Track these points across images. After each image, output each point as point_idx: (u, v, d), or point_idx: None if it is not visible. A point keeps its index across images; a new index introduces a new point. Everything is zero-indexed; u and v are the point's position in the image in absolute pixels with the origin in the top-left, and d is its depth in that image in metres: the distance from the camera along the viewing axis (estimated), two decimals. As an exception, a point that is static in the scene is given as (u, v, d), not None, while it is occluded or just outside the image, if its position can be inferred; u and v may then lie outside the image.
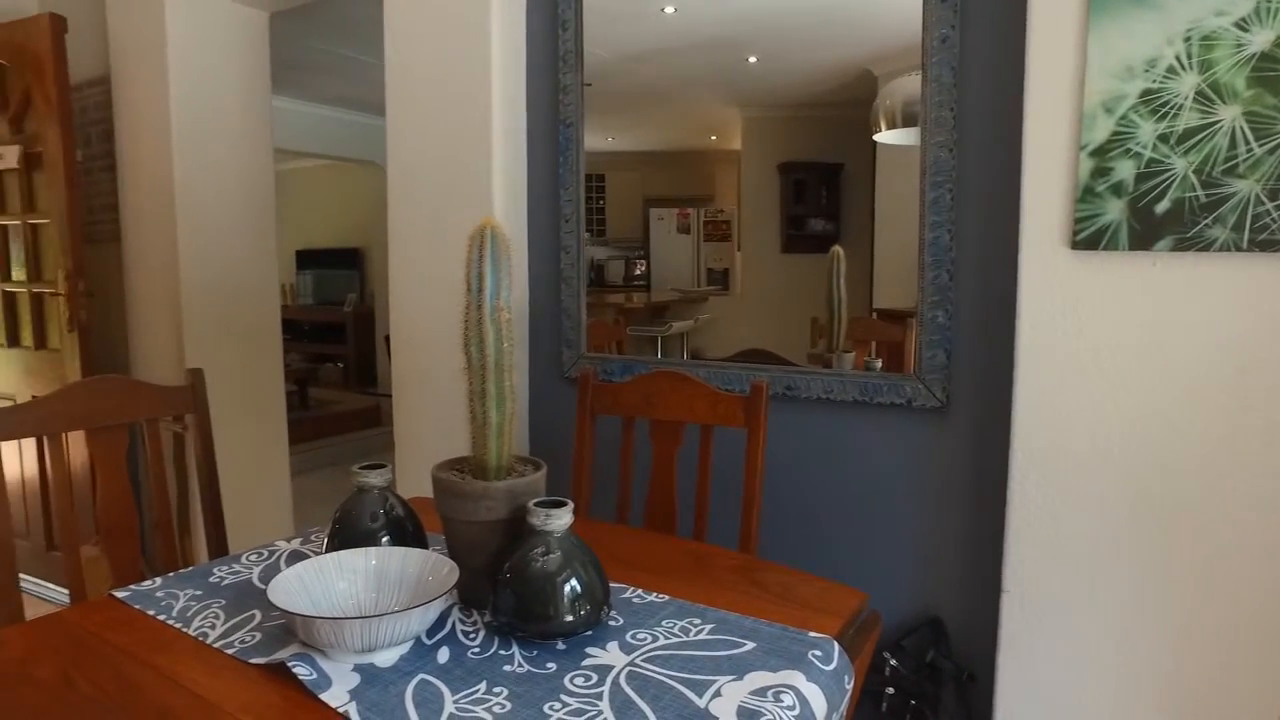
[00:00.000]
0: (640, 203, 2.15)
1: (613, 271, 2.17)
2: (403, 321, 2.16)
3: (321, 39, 4.10)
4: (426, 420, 2.15)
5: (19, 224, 3.01)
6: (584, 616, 0.97)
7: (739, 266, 2.03)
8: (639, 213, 2.15)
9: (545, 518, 0.96)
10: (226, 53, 2.89)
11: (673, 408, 1.59)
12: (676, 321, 2.11)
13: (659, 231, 2.14)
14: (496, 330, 1.02)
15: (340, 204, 7.39)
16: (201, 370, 1.68)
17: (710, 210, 2.07)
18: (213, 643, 0.98)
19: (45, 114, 2.75)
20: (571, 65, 1.96)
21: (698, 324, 2.09)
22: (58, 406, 1.50)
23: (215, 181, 2.88)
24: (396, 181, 2.14)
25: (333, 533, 1.13)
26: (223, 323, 2.93)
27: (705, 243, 2.08)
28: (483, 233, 1.01)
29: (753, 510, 1.50)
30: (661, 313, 2.14)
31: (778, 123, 1.92)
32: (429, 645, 0.96)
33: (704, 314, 2.09)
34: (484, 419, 1.03)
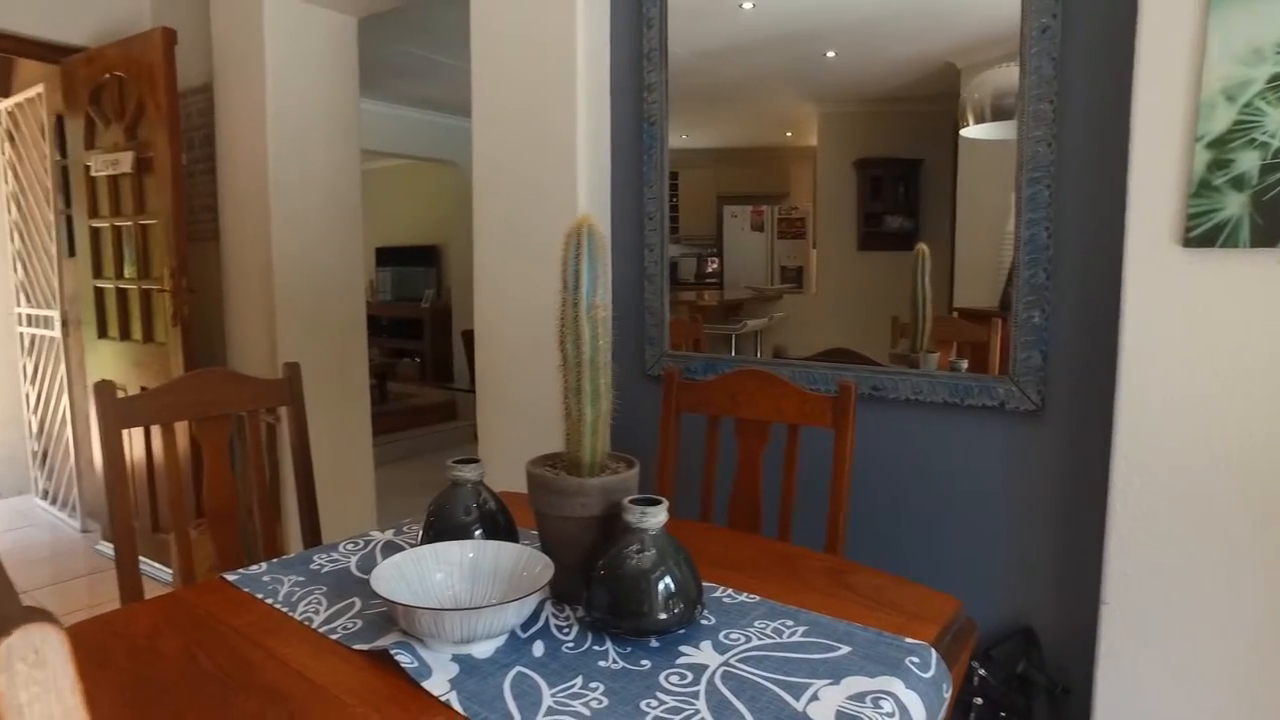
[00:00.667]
0: (714, 200, 2.14)
1: (684, 269, 2.17)
2: (486, 318, 2.20)
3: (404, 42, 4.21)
4: (509, 415, 2.19)
5: (131, 225, 3.18)
6: (677, 615, 0.97)
7: (814, 264, 2.00)
8: (712, 210, 2.14)
9: (641, 515, 0.97)
10: (318, 58, 2.99)
11: (759, 407, 1.58)
12: (751, 320, 2.10)
13: (732, 229, 2.12)
14: (592, 327, 1.03)
15: (418, 202, 7.58)
16: (298, 364, 1.74)
17: (785, 207, 2.04)
18: (317, 627, 1.01)
19: (156, 121, 2.90)
20: (656, 63, 1.96)
21: (772, 322, 2.07)
22: (169, 397, 1.58)
23: (306, 182, 2.98)
24: (481, 180, 2.18)
25: (428, 525, 1.16)
26: (312, 318, 3.04)
27: (779, 240, 2.06)
28: (579, 231, 1.02)
29: (840, 512, 1.48)
30: (735, 311, 2.12)
31: (855, 118, 1.89)
32: (524, 639, 0.98)
33: (778, 312, 2.07)
34: (579, 415, 1.04)
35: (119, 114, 3.13)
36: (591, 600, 0.99)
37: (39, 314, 4.14)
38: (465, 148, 6.26)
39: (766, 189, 2.09)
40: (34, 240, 4.11)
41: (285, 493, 2.95)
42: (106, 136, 3.22)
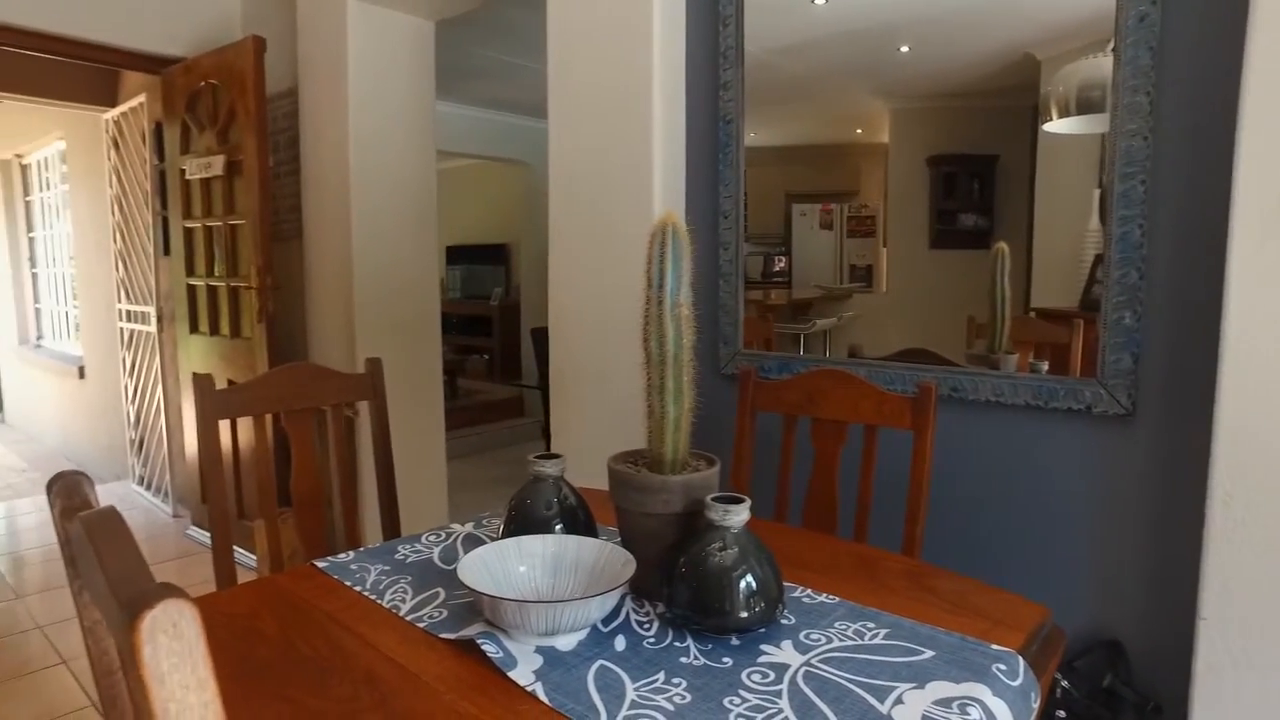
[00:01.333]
0: (782, 198, 2.12)
1: (751, 268, 2.16)
2: (561, 315, 2.23)
3: (477, 44, 4.29)
4: (582, 411, 2.21)
5: (221, 225, 3.32)
6: (759, 613, 0.97)
7: (884, 263, 1.97)
8: (780, 208, 2.12)
9: (724, 513, 0.97)
10: (397, 61, 3.08)
11: (836, 407, 1.56)
12: (820, 319, 2.07)
13: (801, 227, 2.10)
14: (676, 326, 1.03)
15: (488, 201, 7.72)
16: (380, 360, 1.80)
17: (854, 205, 2.01)
18: (404, 615, 1.04)
19: (246, 126, 3.02)
20: (732, 61, 1.96)
21: (841, 321, 2.05)
22: (261, 390, 1.65)
23: (385, 183, 3.07)
24: (558, 180, 2.20)
25: (509, 519, 1.19)
26: (388, 314, 3.13)
27: (849, 238, 2.03)
28: (664, 229, 1.03)
29: (918, 514, 1.46)
30: (804, 310, 2.10)
31: (928, 114, 1.85)
32: (605, 632, 0.99)
33: (848, 311, 2.04)
34: (662, 413, 1.05)
35: (212, 119, 3.28)
36: (673, 597, 1.00)
37: (137, 310, 4.36)
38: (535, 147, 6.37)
39: (836, 187, 2.06)
40: (133, 240, 4.33)
41: (360, 484, 3.04)
42: (200, 141, 3.37)
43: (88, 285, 5.34)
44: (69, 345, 6.07)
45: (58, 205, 6.00)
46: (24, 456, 5.89)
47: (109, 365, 4.95)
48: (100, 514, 0.64)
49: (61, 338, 6.31)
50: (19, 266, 6.66)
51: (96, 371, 5.28)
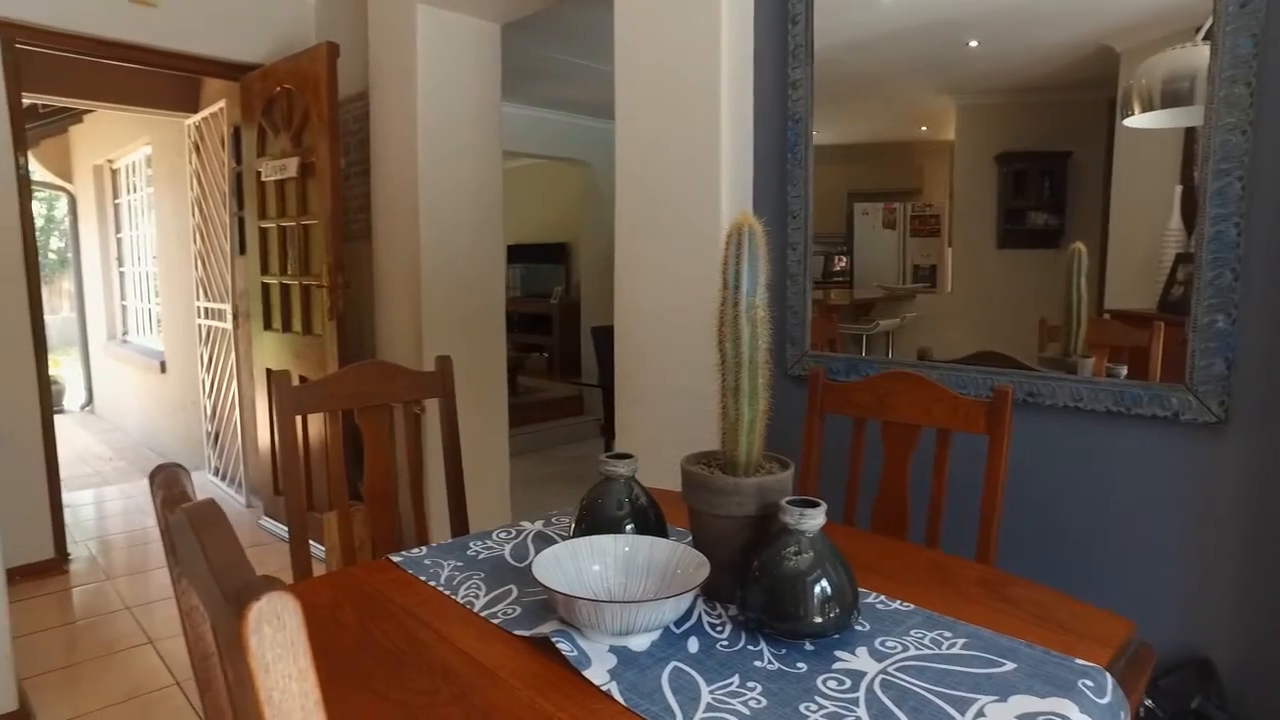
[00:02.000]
0: (843, 197, 2.08)
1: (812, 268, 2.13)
2: (627, 314, 2.23)
3: (539, 45, 4.33)
4: (647, 411, 2.21)
5: (294, 225, 3.43)
6: (833, 619, 0.95)
7: (949, 263, 1.92)
8: (842, 207, 2.09)
9: (799, 517, 0.96)
10: (465, 64, 3.13)
11: (908, 410, 1.53)
12: (883, 320, 2.03)
13: (863, 226, 2.06)
14: (751, 327, 1.03)
15: (548, 201, 7.79)
16: (450, 358, 1.83)
17: (918, 204, 1.97)
18: (479, 611, 1.06)
19: (319, 129, 3.11)
20: (801, 60, 1.93)
21: (905, 322, 2.01)
22: (336, 387, 1.69)
23: (452, 183, 3.13)
24: (624, 180, 2.21)
25: (580, 518, 1.19)
26: (454, 312, 3.19)
27: (912, 238, 1.99)
28: (740, 230, 1.02)
29: (992, 521, 1.42)
30: (866, 310, 2.07)
31: (996, 110, 1.80)
32: (678, 634, 0.99)
33: (911, 312, 2.00)
34: (736, 415, 1.04)
35: (287, 123, 3.38)
36: (746, 599, 0.99)
37: (214, 307, 4.53)
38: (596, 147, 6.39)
39: (899, 185, 2.02)
40: (211, 240, 4.50)
41: (426, 480, 3.10)
42: (276, 144, 3.49)
43: (169, 283, 5.57)
44: (152, 341, 6.34)
45: (142, 207, 6.27)
46: (111, 445, 6.17)
47: (188, 360, 5.16)
48: (202, 506, 0.66)
49: (145, 333, 6.59)
50: (108, 266, 6.98)
51: (176, 366, 5.50)
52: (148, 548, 3.73)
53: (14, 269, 3.11)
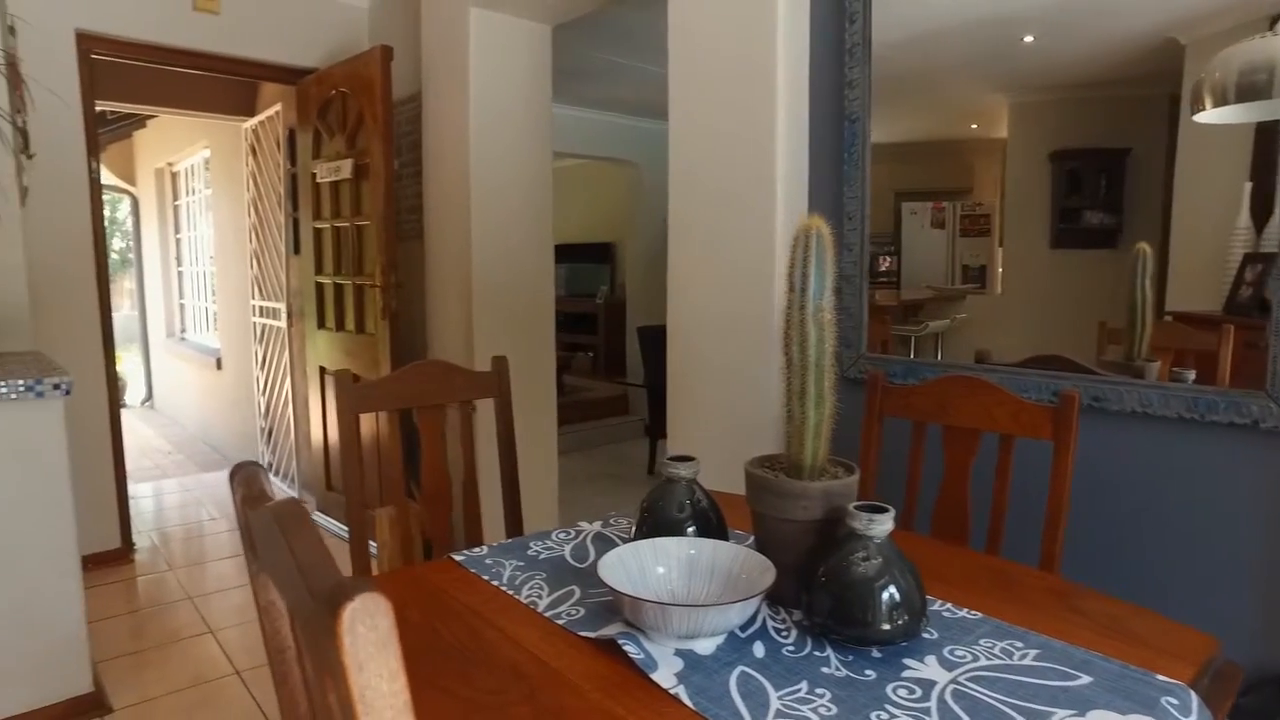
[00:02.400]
0: (890, 196, 2.05)
1: (858, 268, 2.10)
2: (679, 314, 2.23)
3: (588, 46, 4.34)
4: (699, 413, 2.21)
5: (348, 225, 3.49)
6: (901, 626, 0.94)
7: (999, 263, 1.89)
8: (889, 207, 2.06)
9: (868, 522, 0.95)
10: (516, 65, 3.15)
11: (970, 414, 1.50)
12: (932, 321, 2.00)
13: (911, 226, 2.03)
14: (818, 330, 1.02)
15: (593, 201, 7.82)
16: (505, 358, 1.84)
17: (968, 204, 1.93)
18: (542, 611, 1.07)
19: (373, 131, 3.16)
20: (859, 58, 1.91)
21: (954, 324, 1.97)
22: (395, 386, 1.72)
23: (503, 184, 3.15)
24: (678, 180, 2.21)
25: (641, 520, 1.19)
26: (505, 312, 3.22)
27: (961, 238, 1.95)
28: (808, 232, 1.01)
29: (1057, 529, 1.39)
30: (915, 311, 2.03)
31: (1051, 107, 1.76)
32: (743, 638, 0.99)
33: (960, 313, 1.96)
34: (802, 418, 1.03)
35: (341, 126, 3.45)
36: (812, 605, 0.98)
37: (269, 306, 4.64)
38: (642, 147, 6.38)
39: (948, 184, 1.99)
40: (267, 240, 4.60)
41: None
42: (330, 146, 3.55)
43: (225, 283, 5.72)
44: (208, 338, 6.52)
45: (200, 209, 6.45)
46: (169, 439, 6.36)
47: (243, 358, 5.29)
48: (287, 505, 0.68)
49: (202, 331, 6.78)
50: (168, 265, 7.20)
51: (232, 363, 5.65)
52: (203, 540, 3.84)
53: (86, 268, 3.22)
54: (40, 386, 2.06)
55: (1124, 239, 1.64)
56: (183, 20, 3.34)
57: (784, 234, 1.99)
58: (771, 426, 2.01)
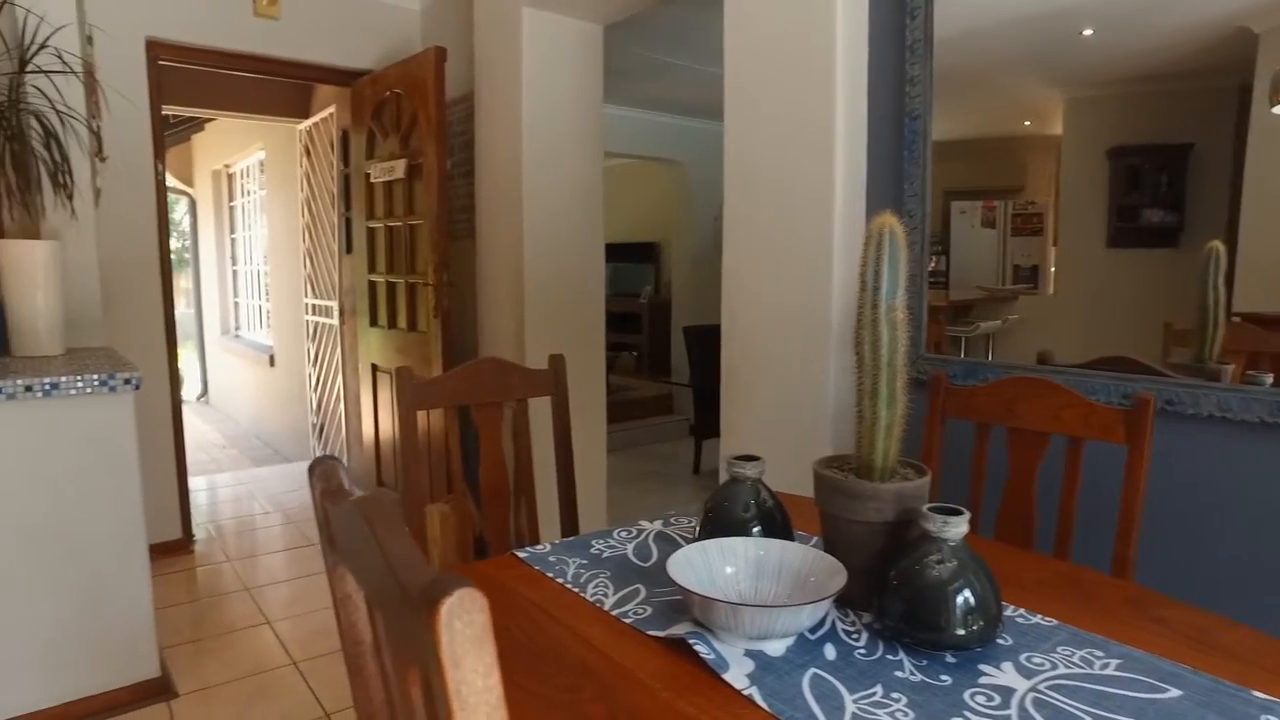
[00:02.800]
0: (939, 195, 2.02)
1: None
2: (734, 314, 2.22)
3: (636, 45, 4.35)
4: (755, 413, 2.19)
5: (401, 225, 3.54)
6: (976, 631, 0.92)
7: (1052, 263, 1.84)
8: (938, 206, 2.02)
9: (942, 524, 0.93)
10: (567, 65, 3.17)
11: (1037, 417, 1.47)
12: (983, 321, 1.96)
13: (960, 225, 1.99)
14: (891, 329, 1.00)
15: (638, 200, 7.82)
16: (563, 356, 1.85)
17: (1020, 202, 1.89)
18: (609, 609, 1.07)
19: (426, 131, 3.20)
20: (920, 55, 1.88)
21: (1006, 324, 1.93)
22: (455, 383, 1.73)
23: (555, 184, 3.17)
24: (733, 179, 2.19)
25: (705, 519, 1.19)
26: (555, 311, 3.23)
27: (1012, 237, 1.91)
28: (881, 230, 1.00)
29: (1130, 535, 1.35)
30: (965, 312, 1.99)
31: (1109, 102, 1.71)
32: (813, 640, 0.97)
33: (1012, 314, 1.92)
34: (873, 419, 1.02)
35: (395, 126, 3.50)
36: (883, 608, 0.97)
37: (321, 304, 4.73)
38: (688, 147, 6.36)
39: (999, 183, 1.95)
40: (319, 239, 4.69)
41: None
42: (384, 147, 3.61)
43: (278, 281, 5.84)
44: (261, 336, 6.67)
45: (255, 209, 6.60)
46: (223, 434, 6.52)
47: (295, 355, 5.41)
48: (374, 499, 0.69)
49: (255, 329, 6.94)
50: (223, 265, 7.39)
51: (284, 360, 5.77)
52: (255, 533, 3.93)
53: (151, 267, 3.32)
54: (113, 381, 2.12)
55: (1186, 238, 1.59)
56: (244, 25, 3.42)
57: (842, 233, 1.96)
58: (828, 425, 1.99)
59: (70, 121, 2.47)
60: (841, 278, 1.97)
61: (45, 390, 2.03)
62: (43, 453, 2.09)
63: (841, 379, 2.00)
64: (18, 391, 2.00)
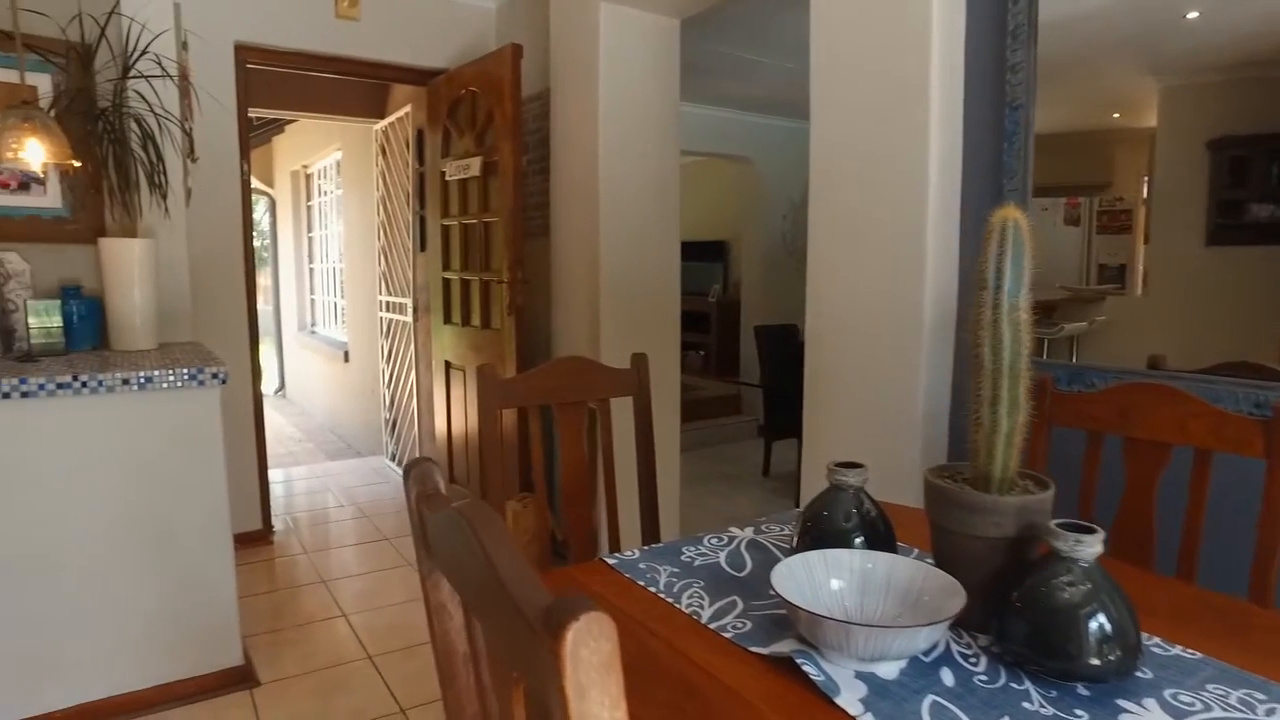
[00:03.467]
0: None
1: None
2: (819, 314, 2.14)
3: (709, 41, 4.28)
4: (839, 417, 2.11)
5: (476, 222, 3.56)
6: (1113, 662, 0.84)
7: (1142, 262, 1.76)
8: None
9: (1074, 543, 0.85)
10: (644, 60, 3.13)
11: (1159, 426, 1.36)
12: (1067, 323, 1.85)
13: (1042, 223, 1.89)
14: (1014, 331, 0.93)
15: (707, 198, 7.75)
16: (646, 356, 1.81)
17: (1106, 198, 1.80)
18: (706, 623, 1.02)
19: (502, 129, 3.20)
20: (1023, 40, 1.77)
21: (1093, 326, 1.82)
22: (538, 382, 1.71)
23: (630, 181, 3.13)
24: (819, 175, 2.12)
25: (804, 529, 1.13)
26: (630, 309, 3.20)
27: (1098, 235, 1.82)
28: (1004, 224, 0.92)
29: (1271, 557, 1.24)
30: (1047, 313, 1.88)
31: (1211, 89, 1.61)
32: (927, 663, 0.91)
33: (1099, 315, 1.82)
34: (993, 426, 0.95)
35: (470, 124, 3.52)
36: (1005, 631, 0.90)
37: (395, 301, 4.80)
38: (758, 143, 6.26)
39: (1084, 178, 1.87)
40: (394, 237, 4.77)
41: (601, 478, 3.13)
42: (459, 145, 3.63)
43: (353, 279, 5.97)
44: (337, 332, 6.83)
45: (331, 208, 6.76)
46: (300, 428, 6.70)
47: (369, 351, 5.51)
48: (478, 509, 0.65)
49: (331, 325, 7.11)
50: (300, 263, 7.60)
51: (358, 356, 5.89)
52: (330, 526, 4.00)
53: (236, 264, 3.41)
54: (201, 375, 2.17)
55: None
56: (326, 28, 3.49)
57: (936, 229, 1.87)
58: (918, 428, 1.90)
59: (166, 124, 2.54)
60: (935, 275, 1.88)
61: (140, 384, 2.09)
62: (137, 444, 2.15)
63: (934, 379, 1.91)
64: (116, 385, 2.06)
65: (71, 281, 2.53)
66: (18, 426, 2.00)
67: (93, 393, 2.04)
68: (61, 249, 2.56)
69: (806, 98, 2.14)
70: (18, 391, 1.96)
